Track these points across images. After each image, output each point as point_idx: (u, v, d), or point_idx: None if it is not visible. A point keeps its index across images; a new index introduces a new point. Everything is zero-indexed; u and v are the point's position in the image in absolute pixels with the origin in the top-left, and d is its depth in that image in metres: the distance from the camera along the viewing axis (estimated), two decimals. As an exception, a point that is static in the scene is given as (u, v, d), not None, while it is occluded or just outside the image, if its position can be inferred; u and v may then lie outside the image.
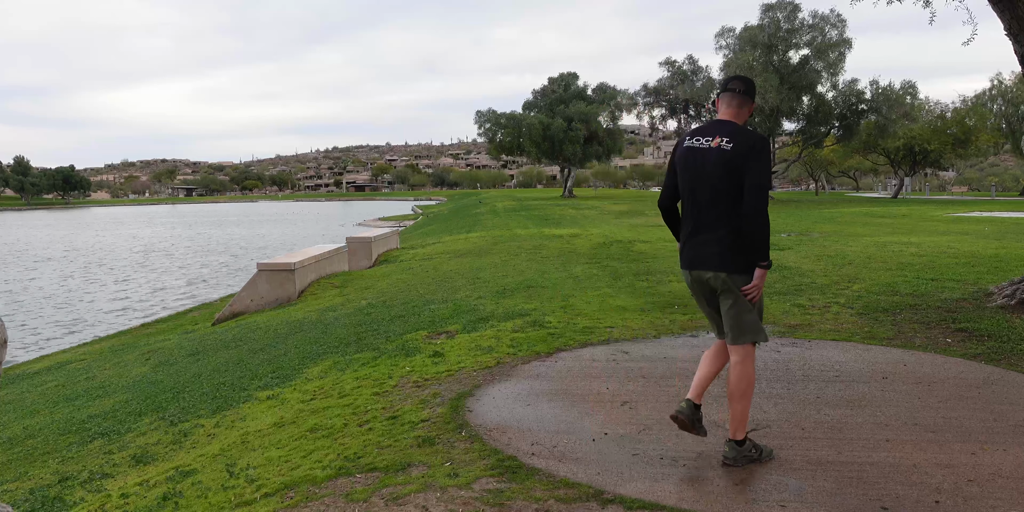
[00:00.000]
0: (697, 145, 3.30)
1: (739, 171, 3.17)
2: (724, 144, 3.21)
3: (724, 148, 3.21)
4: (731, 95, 3.33)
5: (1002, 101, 42.87)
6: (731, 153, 3.18)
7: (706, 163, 3.25)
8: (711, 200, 3.24)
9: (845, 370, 4.80)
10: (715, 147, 3.23)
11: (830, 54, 34.62)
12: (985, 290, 7.29)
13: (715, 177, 3.21)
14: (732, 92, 3.33)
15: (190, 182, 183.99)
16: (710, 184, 3.24)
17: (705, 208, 3.27)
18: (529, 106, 52.74)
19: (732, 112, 3.34)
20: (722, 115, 3.36)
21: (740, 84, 3.34)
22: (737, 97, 3.33)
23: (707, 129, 3.33)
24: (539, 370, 5.03)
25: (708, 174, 3.24)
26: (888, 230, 16.12)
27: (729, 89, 3.35)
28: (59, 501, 4.20)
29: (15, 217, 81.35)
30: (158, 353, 8.98)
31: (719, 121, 3.33)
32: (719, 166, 3.20)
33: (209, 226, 53.07)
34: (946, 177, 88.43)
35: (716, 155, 3.22)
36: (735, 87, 3.34)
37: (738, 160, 3.17)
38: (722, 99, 3.37)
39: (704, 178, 3.25)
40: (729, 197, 3.21)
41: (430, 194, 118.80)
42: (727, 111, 3.34)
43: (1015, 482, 3.06)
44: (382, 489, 3.22)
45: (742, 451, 3.29)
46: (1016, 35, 6.73)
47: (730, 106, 3.34)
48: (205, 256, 29.72)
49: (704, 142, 3.28)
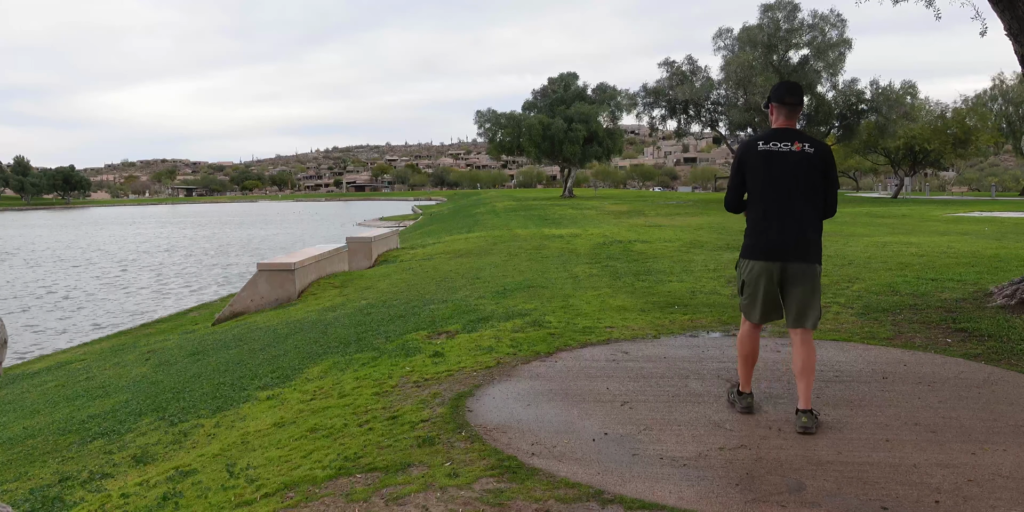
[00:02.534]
0: (775, 149, 3.69)
1: (820, 173, 3.67)
2: (807, 148, 3.67)
3: (808, 152, 3.66)
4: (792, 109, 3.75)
5: (1002, 101, 42.88)
6: (816, 158, 3.66)
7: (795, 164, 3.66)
8: (801, 198, 3.67)
9: (845, 370, 4.80)
10: (798, 151, 3.67)
11: (830, 54, 34.66)
12: (985, 290, 7.29)
13: (805, 177, 3.65)
14: (792, 106, 3.74)
15: (190, 182, 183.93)
16: (801, 183, 3.66)
17: (799, 208, 3.68)
18: (529, 106, 52.73)
19: (793, 122, 3.78)
20: (786, 124, 3.76)
21: (796, 98, 3.74)
22: (797, 109, 3.77)
23: (778, 135, 3.72)
24: (539, 370, 5.03)
25: (798, 174, 3.65)
26: (888, 230, 16.12)
27: (788, 103, 3.73)
28: (59, 501, 4.20)
29: (17, 217, 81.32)
30: (158, 353, 8.98)
31: (787, 129, 3.73)
32: (808, 167, 3.65)
33: (219, 226, 53.01)
34: (946, 177, 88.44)
35: (803, 158, 3.66)
36: (795, 101, 3.73)
37: (821, 164, 3.67)
38: (782, 110, 3.75)
39: (793, 178, 3.66)
40: (816, 196, 3.69)
41: (430, 194, 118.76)
42: (790, 121, 3.77)
43: (1015, 482, 3.06)
44: (382, 489, 3.22)
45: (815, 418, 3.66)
46: (1016, 35, 6.74)
47: (791, 118, 3.77)
48: (223, 257, 29.69)
49: (783, 146, 3.68)
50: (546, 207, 34.67)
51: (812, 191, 3.66)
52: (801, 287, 3.70)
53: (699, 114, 39.16)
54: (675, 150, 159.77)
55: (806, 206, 3.67)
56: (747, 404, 3.94)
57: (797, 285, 3.71)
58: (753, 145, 3.73)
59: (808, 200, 3.66)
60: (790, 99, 3.72)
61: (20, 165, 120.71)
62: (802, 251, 3.68)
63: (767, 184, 3.69)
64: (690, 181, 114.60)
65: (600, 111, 49.27)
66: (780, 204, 3.68)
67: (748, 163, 3.74)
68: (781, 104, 3.73)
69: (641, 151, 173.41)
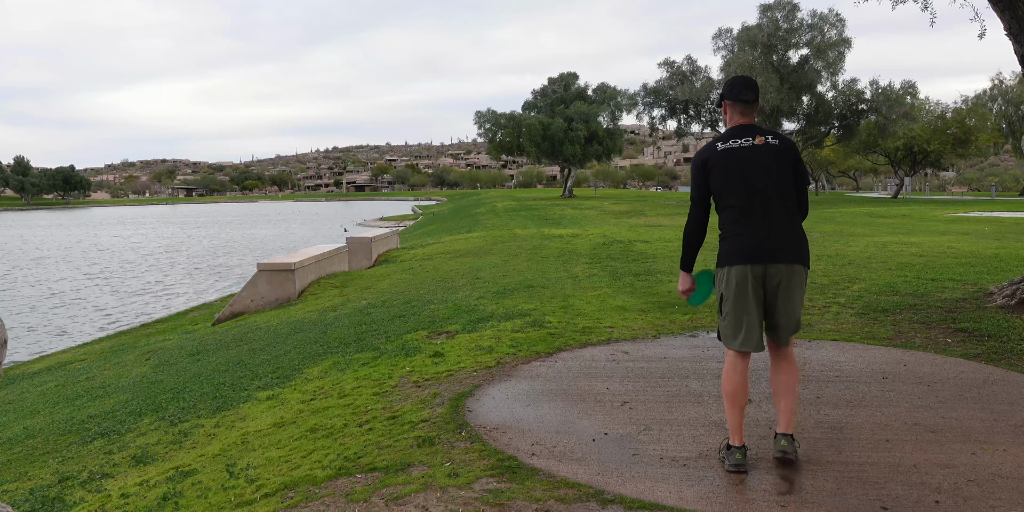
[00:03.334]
0: (736, 145, 3.33)
1: (790, 167, 3.31)
2: (771, 140, 3.32)
3: (772, 143, 3.31)
4: (746, 106, 3.40)
5: (1002, 101, 42.87)
6: (783, 150, 3.30)
7: (762, 158, 3.29)
8: (781, 195, 3.29)
9: (845, 370, 4.79)
10: (762, 144, 3.31)
11: (829, 54, 34.65)
12: (985, 290, 7.29)
13: (776, 171, 3.29)
14: (746, 103, 3.39)
15: (190, 182, 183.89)
16: (774, 176, 3.29)
17: (776, 202, 3.28)
18: (529, 106, 52.73)
19: (749, 118, 3.42)
20: (742, 120, 3.40)
21: (753, 94, 3.40)
22: (751, 106, 3.41)
23: (736, 133, 3.37)
24: (539, 370, 5.03)
25: (770, 167, 3.29)
26: (888, 230, 16.12)
27: (743, 100, 3.38)
28: (59, 501, 4.20)
29: (19, 218, 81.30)
30: (158, 353, 8.98)
31: (744, 126, 3.39)
32: (777, 161, 3.29)
33: (223, 227, 53.00)
34: (946, 177, 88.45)
35: (769, 150, 3.30)
36: (749, 98, 3.39)
37: (790, 157, 3.32)
38: (736, 107, 3.40)
39: (765, 171, 3.28)
40: (790, 190, 3.31)
41: (430, 194, 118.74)
42: (747, 118, 3.41)
43: (1015, 482, 3.06)
44: (382, 489, 3.22)
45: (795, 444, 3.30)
46: (1016, 35, 6.73)
47: (746, 115, 3.41)
48: (233, 257, 29.68)
49: (744, 142, 3.32)
50: (546, 207, 34.67)
51: (785, 184, 3.28)
52: (789, 292, 3.26)
53: (699, 114, 39.16)
54: (675, 150, 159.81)
55: (785, 201, 3.27)
56: (737, 461, 3.22)
57: (785, 290, 3.26)
58: (711, 147, 3.39)
59: (783, 194, 3.27)
60: (746, 96, 3.37)
61: (20, 165, 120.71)
62: (790, 250, 3.26)
63: (737, 182, 3.28)
64: (690, 181, 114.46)
65: (600, 111, 49.27)
66: (756, 200, 3.26)
67: (711, 167, 3.33)
68: (735, 101, 3.38)
69: (641, 151, 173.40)
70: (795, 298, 3.29)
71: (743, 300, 3.26)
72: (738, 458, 3.22)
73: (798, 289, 3.30)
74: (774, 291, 3.27)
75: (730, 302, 3.29)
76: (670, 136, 47.36)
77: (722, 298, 3.35)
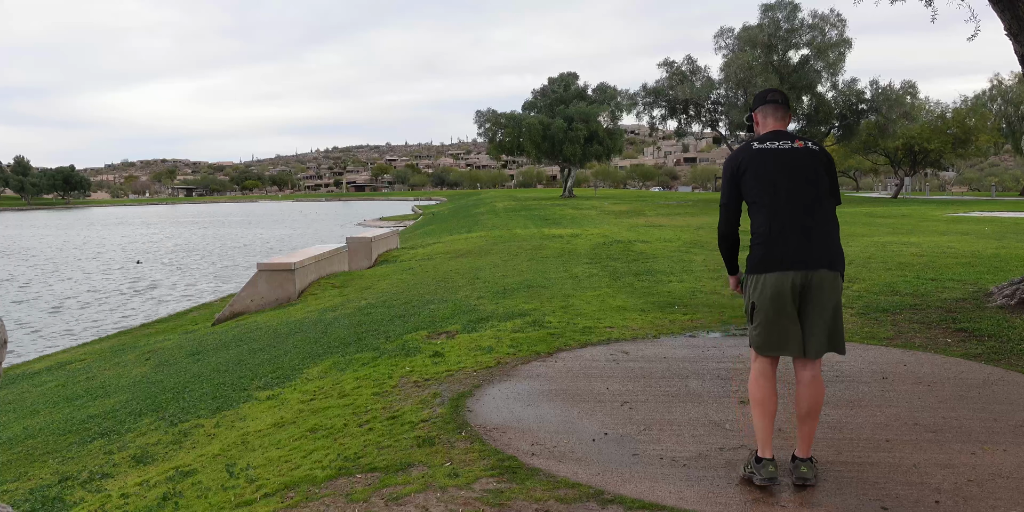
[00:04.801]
0: (775, 147, 3.21)
1: (825, 174, 3.20)
2: (811, 145, 3.22)
3: (812, 149, 3.20)
4: (776, 106, 3.33)
5: (1002, 101, 42.87)
6: (822, 156, 3.20)
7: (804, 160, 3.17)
8: (817, 198, 3.14)
9: (845, 370, 4.79)
10: (801, 147, 3.20)
11: (830, 54, 34.63)
12: (985, 290, 7.29)
13: (816, 175, 3.16)
14: (776, 103, 3.33)
15: (190, 182, 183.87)
16: (812, 182, 3.15)
17: (812, 206, 3.13)
18: (529, 106, 52.72)
19: (784, 124, 3.34)
20: (776, 126, 3.33)
21: (781, 96, 3.36)
22: (781, 108, 3.34)
23: (773, 136, 3.27)
24: (539, 370, 5.03)
25: (807, 172, 3.15)
26: (888, 230, 16.12)
27: (771, 101, 3.34)
28: (59, 501, 4.20)
29: (20, 218, 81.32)
30: (158, 353, 8.98)
31: (780, 131, 3.30)
32: (816, 165, 3.18)
33: (229, 227, 52.97)
34: (946, 177, 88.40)
35: (808, 155, 3.18)
36: (776, 99, 3.34)
37: (827, 163, 3.21)
38: (767, 111, 3.33)
39: (805, 174, 3.15)
40: (827, 196, 3.19)
41: (430, 194, 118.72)
42: (780, 123, 3.33)
43: (1015, 482, 3.06)
44: (382, 489, 3.22)
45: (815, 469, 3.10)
46: (1016, 35, 6.73)
47: (783, 119, 3.34)
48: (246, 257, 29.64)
49: (783, 144, 3.21)
50: (546, 207, 34.67)
51: (825, 190, 3.16)
52: (829, 302, 3.08)
53: (699, 114, 39.13)
54: (675, 150, 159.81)
55: (827, 206, 3.15)
56: (770, 474, 3.03)
57: (823, 300, 3.08)
58: (747, 147, 3.24)
59: (822, 200, 3.14)
60: (773, 96, 3.33)
61: (20, 165, 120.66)
62: (829, 257, 3.10)
63: (776, 184, 3.13)
64: (690, 181, 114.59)
65: (600, 111, 49.24)
66: (796, 204, 3.11)
67: (746, 167, 3.19)
68: (765, 103, 3.32)
69: (641, 151, 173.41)
70: (836, 307, 3.13)
71: (774, 309, 3.10)
72: (771, 471, 3.04)
73: (838, 297, 3.13)
74: (815, 300, 3.09)
75: (762, 311, 3.13)
76: (670, 136, 47.36)
77: (753, 305, 3.17)
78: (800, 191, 3.13)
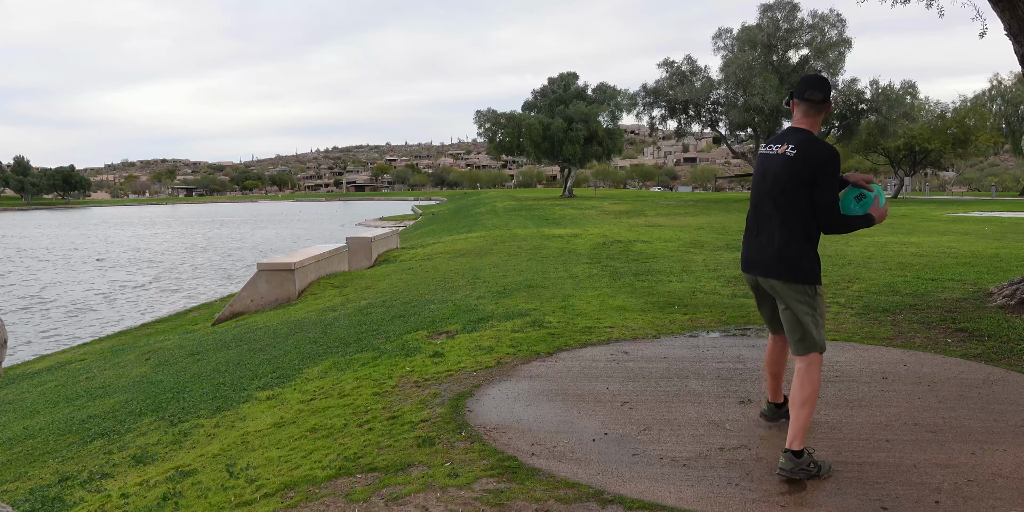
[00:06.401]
0: (767, 152, 3.33)
1: (799, 180, 3.14)
2: (789, 150, 3.20)
3: (788, 155, 3.19)
4: (808, 105, 3.25)
5: (1001, 101, 42.86)
6: (798, 161, 3.16)
7: (776, 168, 3.24)
8: (775, 207, 3.23)
9: (845, 370, 4.80)
10: (781, 153, 3.23)
11: (830, 54, 34.62)
12: (985, 290, 7.29)
13: (779, 183, 3.20)
14: (810, 103, 3.24)
15: (190, 182, 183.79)
16: (775, 190, 3.23)
17: (768, 215, 3.27)
18: (529, 106, 52.68)
19: (808, 121, 3.27)
20: (796, 122, 3.30)
21: (819, 94, 3.22)
22: (814, 107, 3.25)
23: (778, 136, 3.32)
24: (539, 370, 5.03)
25: (775, 179, 3.23)
26: (888, 230, 16.12)
27: (807, 99, 3.24)
28: (59, 501, 4.20)
29: (21, 217, 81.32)
30: (158, 353, 8.98)
31: (793, 128, 3.29)
32: (784, 173, 3.19)
33: (233, 226, 52.94)
34: (946, 177, 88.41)
35: (783, 162, 3.21)
36: (813, 98, 3.23)
37: (802, 168, 3.14)
38: (798, 106, 3.28)
39: (769, 183, 3.26)
40: (790, 205, 3.19)
41: (430, 194, 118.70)
42: (803, 120, 3.28)
43: (1015, 482, 3.06)
44: (382, 489, 3.22)
45: (799, 463, 3.10)
46: (1016, 35, 6.74)
47: (807, 115, 3.27)
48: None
49: (774, 148, 3.28)
50: (546, 207, 34.66)
51: (784, 199, 3.19)
52: (781, 306, 3.32)
53: (699, 114, 39.11)
54: (675, 150, 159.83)
55: (776, 215, 3.22)
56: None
57: (779, 302, 3.34)
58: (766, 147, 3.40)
59: (779, 209, 3.21)
60: (808, 96, 3.23)
61: (20, 165, 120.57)
62: (771, 266, 3.27)
63: (752, 190, 3.39)
64: (690, 181, 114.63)
65: (600, 111, 49.22)
66: (755, 212, 3.35)
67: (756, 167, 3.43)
68: (800, 100, 3.27)
69: (641, 151, 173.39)
70: (788, 312, 3.27)
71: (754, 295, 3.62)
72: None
73: (787, 304, 3.27)
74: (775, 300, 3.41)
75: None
76: (670, 136, 47.22)
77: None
78: (760, 199, 3.32)
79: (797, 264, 3.21)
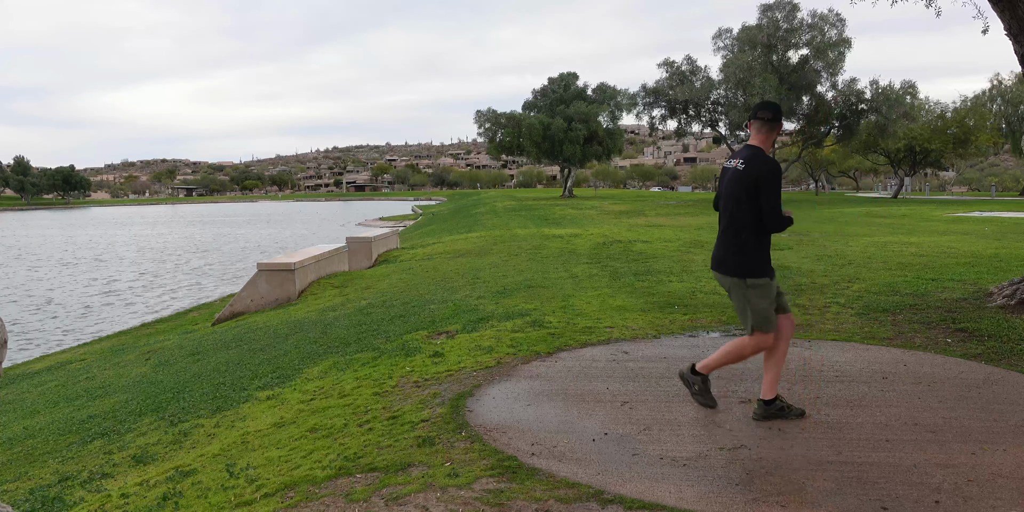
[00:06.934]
0: (726, 165, 3.88)
1: (748, 192, 3.66)
2: (739, 165, 3.72)
3: (739, 168, 3.72)
4: (760, 123, 3.77)
5: (1001, 101, 42.85)
6: (744, 174, 3.68)
7: (729, 180, 3.77)
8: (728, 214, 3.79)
9: (845, 370, 4.80)
10: (734, 167, 3.76)
11: (829, 54, 34.61)
12: (985, 290, 7.29)
13: (732, 194, 3.73)
14: (761, 120, 3.76)
15: (190, 182, 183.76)
16: (729, 200, 3.77)
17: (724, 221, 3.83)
18: (529, 106, 52.67)
19: (761, 138, 3.78)
20: (751, 140, 3.81)
21: (768, 113, 3.75)
22: (766, 124, 3.76)
23: (737, 152, 3.86)
24: (539, 370, 5.03)
25: (729, 190, 3.76)
26: (888, 230, 16.12)
27: (759, 118, 3.76)
28: (59, 501, 4.20)
29: (21, 217, 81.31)
30: (158, 353, 8.98)
31: (747, 145, 3.81)
32: (735, 184, 3.71)
33: (233, 226, 52.94)
34: (946, 177, 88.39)
35: (734, 175, 3.74)
36: (764, 116, 3.75)
37: (747, 181, 3.66)
38: (753, 125, 3.79)
39: (725, 194, 3.81)
40: (739, 213, 3.72)
41: (430, 194, 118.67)
42: (756, 137, 3.78)
43: (1015, 482, 3.06)
44: (382, 489, 3.22)
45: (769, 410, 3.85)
46: (1016, 35, 6.74)
47: (759, 132, 3.78)
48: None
49: (731, 163, 3.81)
50: (546, 207, 34.66)
51: (736, 207, 3.73)
52: (734, 300, 3.89)
53: (699, 114, 39.09)
54: (675, 150, 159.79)
55: (729, 222, 3.79)
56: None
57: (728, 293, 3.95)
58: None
59: (730, 216, 3.77)
60: (759, 115, 3.76)
61: (20, 165, 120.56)
62: (721, 264, 3.87)
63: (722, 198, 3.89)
64: (690, 181, 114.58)
65: (600, 111, 49.21)
66: (720, 217, 3.90)
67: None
68: (753, 119, 3.79)
69: (641, 151, 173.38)
70: (734, 301, 3.87)
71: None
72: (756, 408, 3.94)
73: (733, 295, 3.84)
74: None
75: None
76: (670, 136, 47.23)
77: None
78: (724, 207, 3.85)
79: (736, 260, 3.77)
